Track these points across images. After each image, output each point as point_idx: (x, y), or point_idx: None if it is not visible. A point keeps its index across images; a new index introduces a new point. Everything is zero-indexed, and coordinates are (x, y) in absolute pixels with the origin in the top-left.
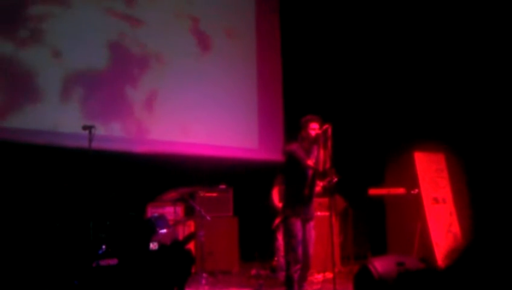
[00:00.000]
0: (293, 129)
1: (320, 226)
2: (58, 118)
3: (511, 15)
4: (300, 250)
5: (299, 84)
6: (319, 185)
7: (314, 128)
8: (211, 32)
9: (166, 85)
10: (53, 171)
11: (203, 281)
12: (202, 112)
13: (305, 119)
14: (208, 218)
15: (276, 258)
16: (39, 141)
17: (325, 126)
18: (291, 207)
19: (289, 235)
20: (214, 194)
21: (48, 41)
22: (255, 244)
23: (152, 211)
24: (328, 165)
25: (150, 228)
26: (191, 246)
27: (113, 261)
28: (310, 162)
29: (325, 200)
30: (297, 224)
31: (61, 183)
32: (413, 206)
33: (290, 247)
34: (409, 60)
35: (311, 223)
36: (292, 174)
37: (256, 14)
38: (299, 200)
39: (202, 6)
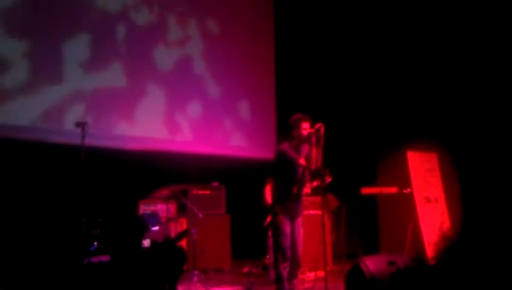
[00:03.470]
0: (285, 128)
1: (313, 225)
2: (51, 115)
3: (502, 15)
4: (289, 247)
5: (291, 83)
6: (312, 185)
7: (305, 127)
8: (204, 32)
9: (158, 83)
10: (45, 167)
11: (195, 279)
12: (195, 109)
13: (296, 118)
14: (200, 216)
15: (267, 256)
16: (32, 138)
17: (318, 125)
18: (280, 205)
19: (278, 233)
20: (207, 192)
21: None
22: (247, 242)
23: (144, 208)
24: (319, 164)
25: (142, 225)
26: (182, 243)
27: (105, 258)
28: (302, 161)
29: (317, 199)
30: (286, 222)
31: (53, 180)
32: (406, 205)
33: (278, 244)
34: (401, 59)
35: (299, 220)
36: (282, 172)
37: (250, 14)
38: (288, 198)
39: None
